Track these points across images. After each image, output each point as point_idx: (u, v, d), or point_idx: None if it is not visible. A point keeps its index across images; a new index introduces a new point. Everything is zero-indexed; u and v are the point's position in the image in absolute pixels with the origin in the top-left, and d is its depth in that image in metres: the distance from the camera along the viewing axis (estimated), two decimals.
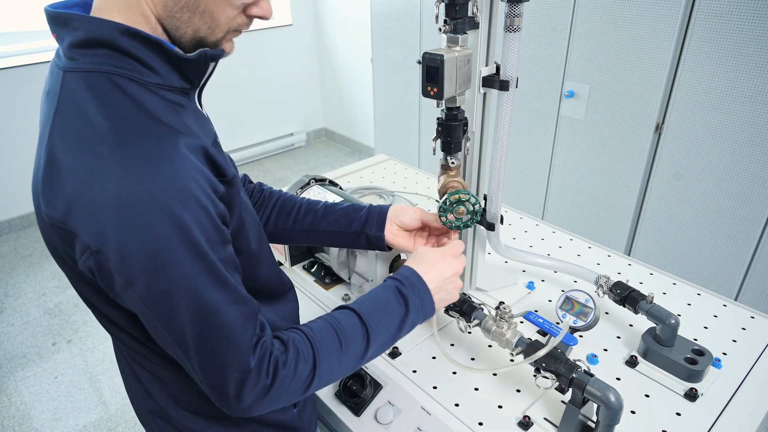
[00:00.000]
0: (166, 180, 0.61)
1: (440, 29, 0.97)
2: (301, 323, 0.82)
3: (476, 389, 1.02)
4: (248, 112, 4.49)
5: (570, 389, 0.86)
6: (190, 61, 0.69)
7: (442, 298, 0.89)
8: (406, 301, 0.83)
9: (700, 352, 1.02)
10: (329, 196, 1.34)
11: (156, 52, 0.66)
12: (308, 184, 1.40)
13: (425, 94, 0.98)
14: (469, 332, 1.14)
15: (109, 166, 0.60)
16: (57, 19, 0.67)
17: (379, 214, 1.03)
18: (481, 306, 1.01)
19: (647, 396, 0.99)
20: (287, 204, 1.08)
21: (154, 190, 0.60)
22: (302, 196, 1.37)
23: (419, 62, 1.07)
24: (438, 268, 0.88)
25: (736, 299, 2.10)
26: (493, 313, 0.98)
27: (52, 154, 0.64)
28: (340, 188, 1.46)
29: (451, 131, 1.05)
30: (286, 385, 0.70)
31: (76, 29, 0.65)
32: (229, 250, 0.69)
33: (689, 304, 1.23)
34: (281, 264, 1.40)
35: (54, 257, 0.73)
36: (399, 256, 1.17)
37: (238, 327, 0.67)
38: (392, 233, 1.02)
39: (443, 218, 1.05)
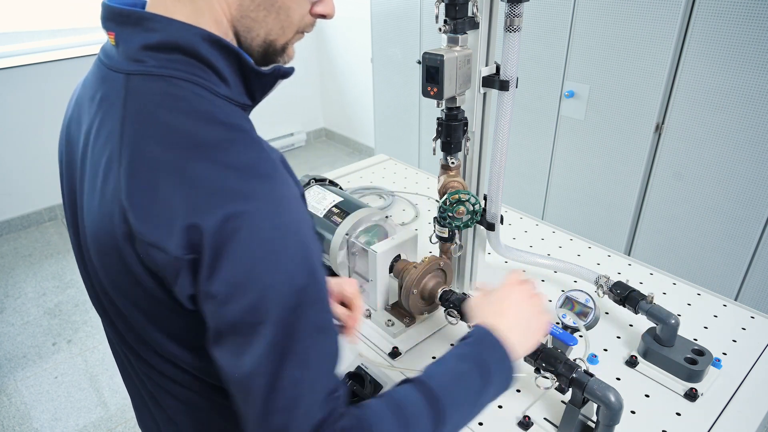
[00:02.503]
0: (280, 195, 0.57)
1: (440, 29, 0.97)
2: None
3: None
4: None
5: (570, 389, 0.86)
6: (263, 76, 0.65)
7: (527, 340, 0.75)
8: (489, 372, 0.69)
9: (700, 352, 1.02)
10: (329, 196, 1.34)
11: (232, 62, 0.62)
12: (308, 184, 1.40)
13: (425, 94, 0.98)
14: None
15: (211, 178, 0.55)
16: (126, 17, 0.61)
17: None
18: None
19: (647, 396, 0.99)
20: None
21: (270, 204, 0.56)
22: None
23: (419, 62, 1.07)
24: (513, 306, 0.77)
25: (736, 299, 2.10)
26: None
27: (134, 168, 0.57)
28: (340, 188, 1.46)
29: (451, 131, 1.05)
30: None
31: (152, 30, 0.60)
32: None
33: (689, 304, 1.23)
34: None
35: (110, 296, 0.66)
36: (399, 256, 1.17)
37: (326, 363, 0.60)
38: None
39: (443, 218, 1.05)
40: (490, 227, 1.15)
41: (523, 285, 0.81)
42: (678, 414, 0.95)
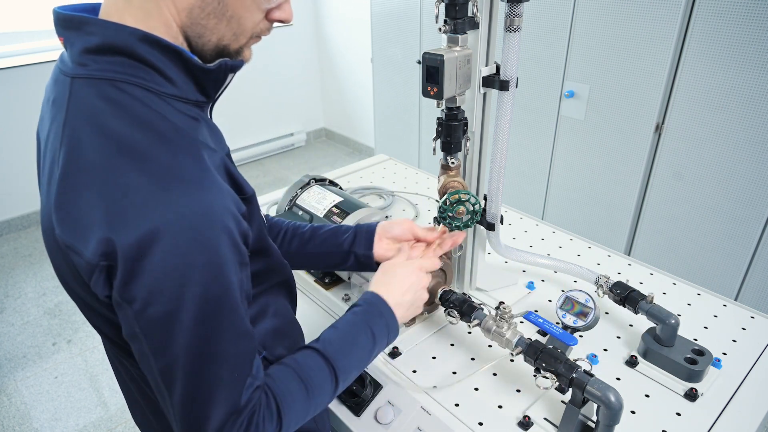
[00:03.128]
0: (201, 208, 0.58)
1: (440, 29, 0.97)
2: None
3: (476, 389, 1.02)
4: (248, 112, 4.49)
5: (570, 389, 0.86)
6: (209, 72, 0.66)
7: (405, 314, 0.89)
8: (374, 334, 0.82)
9: (700, 352, 1.02)
10: (329, 196, 1.34)
11: (174, 61, 0.63)
12: (308, 184, 1.40)
13: (425, 94, 0.98)
14: (469, 332, 1.15)
15: (130, 186, 0.57)
16: (69, 22, 0.62)
17: (367, 232, 1.01)
18: (481, 306, 1.01)
19: (647, 396, 0.99)
20: (273, 228, 1.06)
21: (188, 218, 0.57)
22: (302, 196, 1.37)
23: (419, 62, 1.07)
24: (405, 285, 0.88)
25: (736, 299, 2.10)
26: (493, 313, 0.98)
27: (65, 171, 0.59)
28: (340, 188, 1.46)
29: (451, 131, 1.05)
30: None
31: (90, 34, 0.61)
32: (245, 273, 0.67)
33: (689, 304, 1.23)
34: None
35: (65, 287, 0.70)
36: None
37: (242, 364, 0.65)
38: (383, 249, 1.01)
39: (443, 218, 1.05)
40: (490, 227, 1.15)
41: (428, 275, 0.93)
42: (678, 414, 0.95)
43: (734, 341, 1.11)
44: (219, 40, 0.67)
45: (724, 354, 1.08)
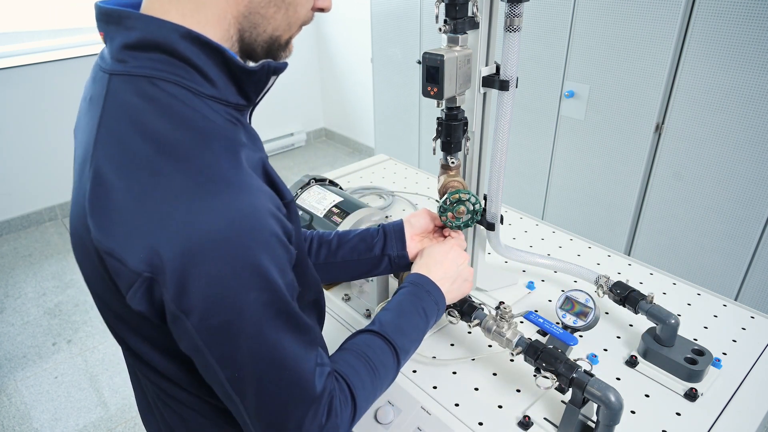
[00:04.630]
0: (248, 212, 0.56)
1: (440, 29, 0.97)
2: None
3: (476, 389, 1.02)
4: None
5: (570, 389, 0.86)
6: (252, 74, 0.62)
7: (455, 293, 0.91)
8: (426, 312, 0.84)
9: (700, 352, 1.02)
10: (329, 196, 1.34)
11: (216, 60, 0.60)
12: (308, 184, 1.40)
13: (425, 94, 0.98)
14: (469, 332, 1.15)
15: (173, 189, 0.54)
16: (109, 16, 0.60)
17: (396, 230, 0.98)
18: (481, 306, 1.01)
19: (647, 396, 0.99)
20: None
21: (237, 223, 0.55)
22: (302, 196, 1.37)
23: (419, 62, 1.07)
24: (447, 264, 0.90)
25: (736, 299, 2.10)
26: (493, 313, 0.98)
27: (98, 171, 0.56)
28: (340, 188, 1.46)
29: (451, 131, 1.05)
30: (335, 429, 0.67)
31: (131, 28, 0.58)
32: (292, 274, 0.65)
33: (689, 304, 1.23)
34: None
35: (93, 294, 0.66)
36: None
37: (306, 370, 0.64)
38: (415, 246, 0.98)
39: (443, 218, 1.05)
40: (490, 227, 1.15)
41: (464, 250, 0.95)
42: (678, 414, 0.95)
43: (734, 341, 1.11)
44: (274, 31, 0.65)
45: (724, 354, 1.08)
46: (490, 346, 1.11)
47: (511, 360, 1.07)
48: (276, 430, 0.63)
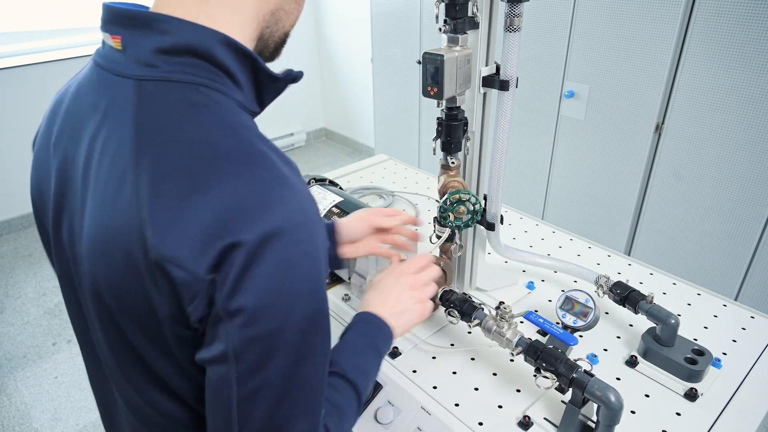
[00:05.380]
0: (306, 215, 0.55)
1: (440, 29, 0.97)
2: None
3: (476, 389, 1.02)
4: None
5: (570, 389, 0.86)
6: (276, 80, 0.61)
7: (405, 326, 0.87)
8: (380, 350, 0.82)
9: (700, 352, 1.02)
10: (329, 196, 1.34)
11: (247, 67, 0.59)
12: (308, 184, 1.40)
13: (425, 94, 0.98)
14: (469, 332, 1.15)
15: (238, 192, 0.52)
16: (134, 19, 0.57)
17: (329, 233, 0.97)
18: (481, 306, 1.01)
19: (647, 396, 0.99)
20: None
21: (298, 226, 0.53)
22: None
23: (419, 62, 1.08)
24: (392, 301, 0.87)
25: (736, 299, 2.10)
26: (493, 313, 0.98)
27: (155, 180, 0.53)
28: (340, 188, 1.46)
29: (451, 131, 1.05)
30: None
31: (165, 32, 0.56)
32: None
33: (689, 304, 1.23)
34: None
35: (118, 308, 0.60)
36: None
37: (322, 387, 0.61)
38: (349, 250, 1.03)
39: (444, 218, 1.05)
40: (490, 227, 1.15)
41: (417, 277, 0.91)
42: (678, 414, 0.95)
43: (734, 341, 1.11)
44: (290, 26, 0.65)
45: (724, 354, 1.08)
46: (490, 346, 1.11)
47: (511, 360, 1.07)
48: None
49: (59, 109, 0.67)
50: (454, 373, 1.06)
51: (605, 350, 1.10)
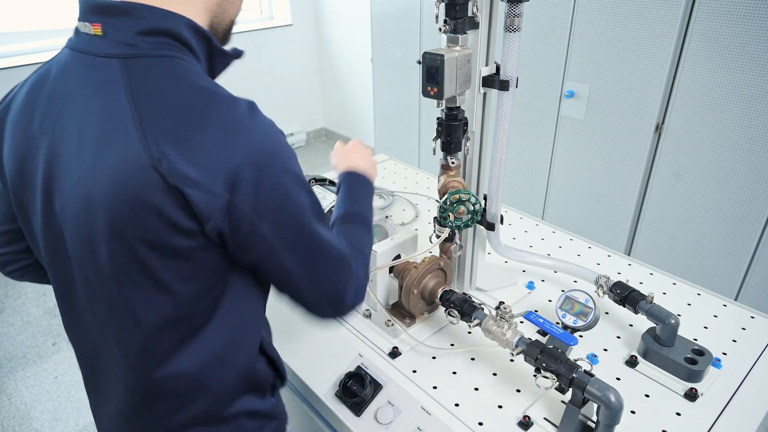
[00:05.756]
0: (277, 132, 0.73)
1: (440, 29, 0.97)
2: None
3: (476, 389, 1.02)
4: None
5: (570, 389, 0.86)
6: (226, 56, 0.78)
7: (372, 172, 1.03)
8: (366, 188, 0.98)
9: (700, 352, 1.02)
10: (329, 196, 1.34)
11: (204, 44, 0.74)
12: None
13: (425, 94, 0.98)
14: (469, 332, 1.15)
15: (229, 124, 0.67)
16: (113, 9, 0.69)
17: None
18: (481, 306, 1.01)
19: (647, 396, 0.99)
20: None
21: (277, 139, 0.72)
22: None
23: (419, 62, 1.08)
24: (360, 158, 1.03)
25: (736, 299, 2.10)
26: (493, 313, 0.98)
27: (165, 128, 0.66)
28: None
29: (451, 131, 1.05)
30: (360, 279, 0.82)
31: (143, 18, 0.68)
32: None
33: (689, 304, 1.23)
34: None
35: (139, 241, 0.69)
36: (399, 255, 1.17)
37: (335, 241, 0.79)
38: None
39: (444, 218, 1.05)
40: (490, 227, 1.15)
41: (359, 146, 1.10)
42: (678, 414, 0.95)
43: (734, 341, 1.11)
44: (234, 15, 0.80)
45: (724, 354, 1.08)
46: (491, 347, 1.11)
47: (511, 360, 1.07)
48: (333, 297, 0.78)
49: (40, 92, 0.77)
50: (454, 373, 1.06)
51: (605, 350, 1.10)
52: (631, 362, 1.06)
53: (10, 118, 0.81)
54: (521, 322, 1.12)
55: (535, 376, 0.89)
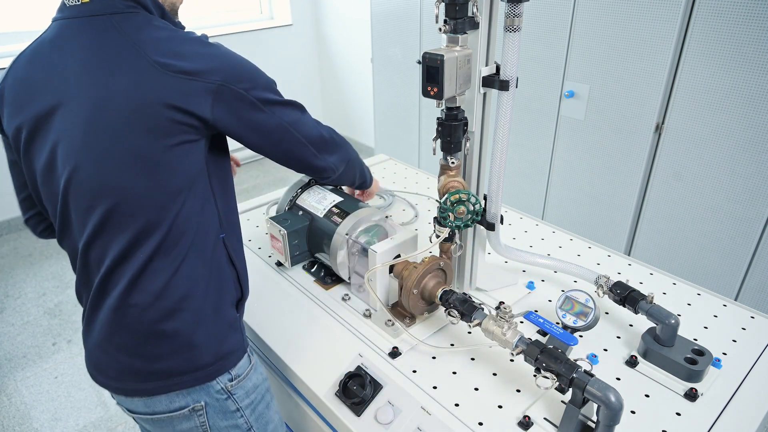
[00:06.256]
0: (227, 52, 0.96)
1: (440, 29, 0.97)
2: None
3: (476, 389, 1.02)
4: None
5: (570, 389, 0.86)
6: (177, 25, 0.98)
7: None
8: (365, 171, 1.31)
9: (700, 352, 1.02)
10: (329, 196, 1.34)
11: (159, 12, 0.95)
12: (308, 184, 1.40)
13: (425, 94, 0.98)
14: (469, 332, 1.15)
15: (201, 44, 0.93)
16: None
17: None
18: (481, 306, 1.01)
19: (647, 396, 0.99)
20: None
21: (233, 55, 0.96)
22: (302, 196, 1.37)
23: (419, 62, 1.09)
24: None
25: (736, 299, 2.10)
26: (493, 313, 0.98)
27: (161, 47, 0.88)
28: (340, 188, 1.46)
29: (451, 131, 1.05)
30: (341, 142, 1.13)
31: None
32: None
33: (689, 304, 1.23)
34: (281, 264, 1.40)
35: (161, 126, 0.88)
36: (398, 255, 1.17)
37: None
38: None
39: (444, 218, 1.05)
40: (490, 227, 1.15)
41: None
42: (678, 414, 0.95)
43: (734, 341, 1.11)
44: (179, 1, 1.02)
45: (724, 354, 1.08)
46: (490, 347, 1.11)
47: (511, 360, 1.07)
48: (326, 146, 1.08)
49: (35, 60, 0.98)
50: (454, 373, 1.06)
51: (605, 350, 1.10)
52: (631, 362, 1.05)
53: (9, 87, 1.00)
54: (521, 322, 1.12)
55: (535, 376, 0.89)
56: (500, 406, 0.98)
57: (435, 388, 1.02)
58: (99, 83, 0.88)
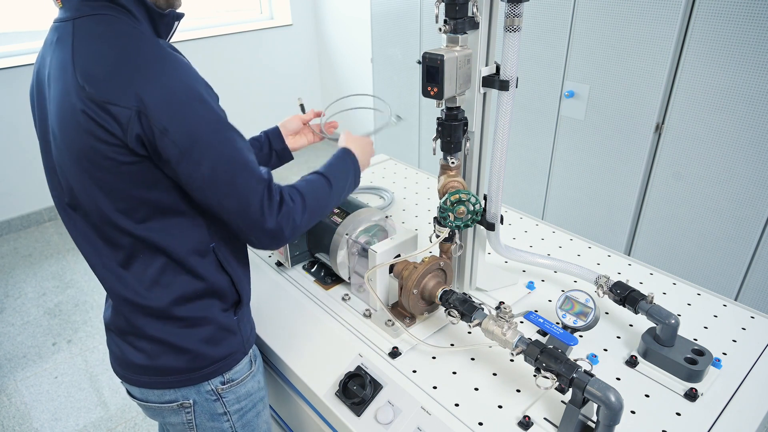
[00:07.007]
0: (185, 71, 0.87)
1: (440, 29, 0.97)
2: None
3: (476, 389, 1.02)
4: (248, 112, 4.49)
5: (570, 389, 0.86)
6: (163, 16, 0.93)
7: (364, 162, 1.20)
8: (353, 167, 1.13)
9: (700, 352, 1.02)
10: None
11: (140, 8, 0.90)
12: None
13: (425, 94, 0.98)
14: (469, 332, 1.15)
15: (141, 59, 0.85)
16: None
17: (274, 133, 1.36)
18: (481, 306, 1.01)
19: (647, 396, 0.99)
20: None
21: (179, 75, 0.86)
22: None
23: (419, 62, 1.09)
24: (360, 147, 1.19)
25: (736, 299, 2.10)
26: (493, 313, 0.98)
27: (90, 61, 0.85)
28: None
29: (451, 131, 1.05)
30: (291, 214, 0.95)
31: None
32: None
33: (689, 304, 1.23)
34: (281, 264, 1.40)
35: (88, 162, 0.87)
36: (398, 255, 1.17)
37: (254, 163, 0.92)
38: (292, 141, 1.37)
39: (444, 218, 1.05)
40: (490, 227, 1.15)
41: (367, 140, 1.27)
42: (678, 414, 0.95)
43: (734, 341, 1.12)
44: None
45: (724, 354, 1.08)
46: (490, 347, 1.11)
47: (511, 360, 1.07)
48: (246, 213, 0.90)
49: (38, 60, 0.98)
50: (454, 373, 1.06)
51: (605, 350, 1.10)
52: (631, 362, 1.06)
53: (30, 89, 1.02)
54: (521, 322, 1.12)
55: (535, 376, 0.89)
56: (500, 406, 0.98)
57: (435, 388, 1.02)
58: (51, 97, 0.91)
